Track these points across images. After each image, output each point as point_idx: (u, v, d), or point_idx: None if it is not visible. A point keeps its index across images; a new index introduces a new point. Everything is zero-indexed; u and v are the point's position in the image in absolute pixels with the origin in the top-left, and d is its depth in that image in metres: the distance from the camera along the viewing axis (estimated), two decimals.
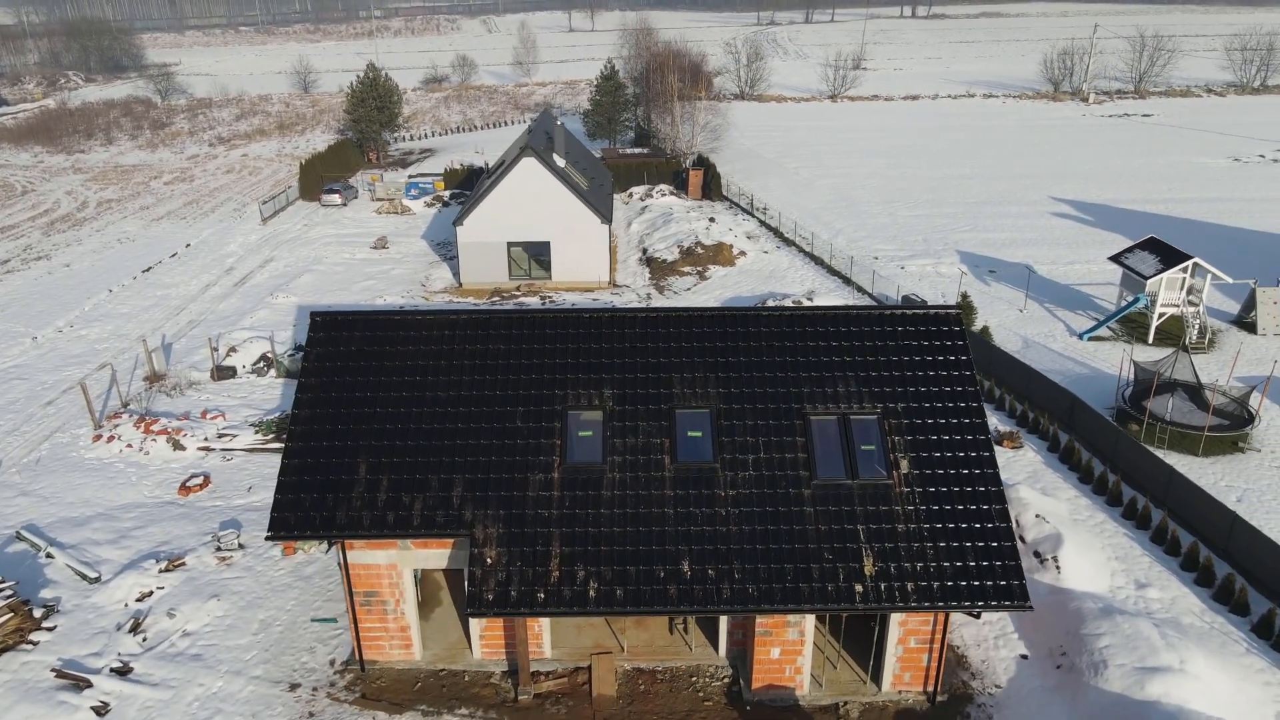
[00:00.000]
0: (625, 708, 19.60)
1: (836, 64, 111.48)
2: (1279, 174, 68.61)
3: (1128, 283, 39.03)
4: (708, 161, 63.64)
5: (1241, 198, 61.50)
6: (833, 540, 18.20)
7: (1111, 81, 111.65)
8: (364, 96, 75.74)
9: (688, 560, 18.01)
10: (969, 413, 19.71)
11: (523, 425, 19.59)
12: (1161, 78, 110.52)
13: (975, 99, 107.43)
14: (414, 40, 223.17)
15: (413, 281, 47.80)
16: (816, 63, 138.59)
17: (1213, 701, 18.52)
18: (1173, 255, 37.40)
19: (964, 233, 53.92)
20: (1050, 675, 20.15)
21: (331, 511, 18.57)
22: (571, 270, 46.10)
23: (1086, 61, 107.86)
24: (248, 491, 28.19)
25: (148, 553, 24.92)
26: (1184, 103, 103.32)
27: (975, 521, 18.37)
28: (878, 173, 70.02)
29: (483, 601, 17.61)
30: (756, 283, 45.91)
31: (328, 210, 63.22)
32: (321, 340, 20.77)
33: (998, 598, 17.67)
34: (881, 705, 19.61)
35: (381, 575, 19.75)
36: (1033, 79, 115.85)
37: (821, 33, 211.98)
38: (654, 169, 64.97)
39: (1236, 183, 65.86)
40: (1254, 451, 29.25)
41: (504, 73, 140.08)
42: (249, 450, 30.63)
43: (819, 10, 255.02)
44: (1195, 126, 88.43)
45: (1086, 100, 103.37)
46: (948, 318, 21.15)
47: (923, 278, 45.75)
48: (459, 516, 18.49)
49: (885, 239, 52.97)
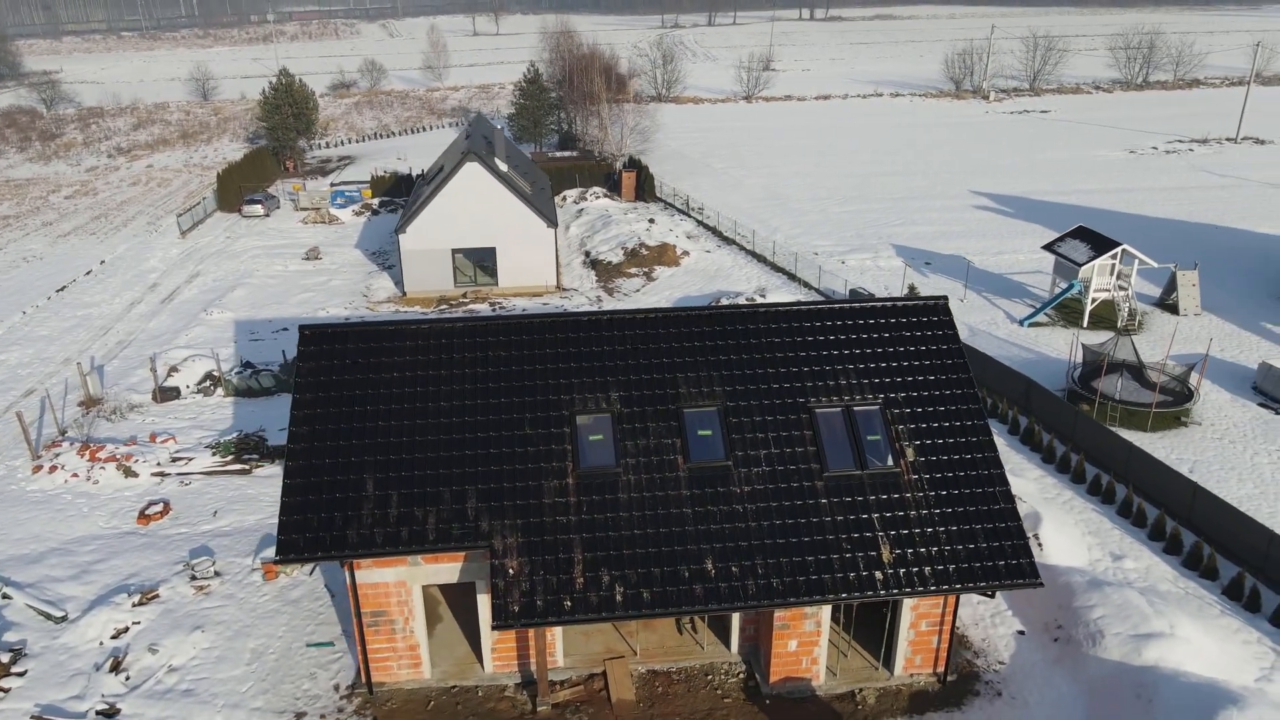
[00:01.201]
0: (646, 711, 19.51)
1: (749, 66, 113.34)
2: (1172, 165, 72.95)
3: (1061, 270, 40.88)
4: (640, 163, 63.85)
5: (1142, 187, 65.15)
6: (849, 530, 18.51)
7: (1009, 80, 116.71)
8: (279, 103, 73.24)
9: (710, 558, 18.05)
10: (966, 399, 20.33)
11: (532, 432, 19.30)
12: (1054, 76, 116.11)
13: (883, 98, 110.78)
14: (312, 45, 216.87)
15: (353, 292, 46.48)
16: (727, 64, 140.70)
17: (1203, 663, 19.57)
18: (1102, 243, 39.36)
19: (895, 227, 55.55)
20: (1049, 649, 20.94)
21: (342, 530, 17.92)
22: (518, 275, 45.60)
23: (985, 61, 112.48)
24: (214, 516, 26.94)
25: (116, 586, 23.54)
26: (1076, 99, 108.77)
27: (982, 504, 18.96)
28: (803, 171, 71.50)
29: (508, 613, 17.27)
30: (703, 282, 46.30)
31: (250, 221, 60.90)
32: (313, 354, 20.02)
33: (1010, 576, 18.27)
34: (895, 689, 20.05)
35: (390, 594, 19.16)
36: (935, 78, 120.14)
37: (725, 35, 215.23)
38: (585, 171, 64.82)
39: (1135, 173, 69.71)
40: (1195, 425, 31.03)
41: (413, 77, 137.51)
42: (208, 473, 29.27)
43: (720, 13, 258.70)
44: (1089, 121, 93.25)
45: (988, 98, 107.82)
46: (937, 307, 21.76)
47: (864, 271, 46.94)
48: (476, 528, 18.09)
49: (821, 235, 54.12)
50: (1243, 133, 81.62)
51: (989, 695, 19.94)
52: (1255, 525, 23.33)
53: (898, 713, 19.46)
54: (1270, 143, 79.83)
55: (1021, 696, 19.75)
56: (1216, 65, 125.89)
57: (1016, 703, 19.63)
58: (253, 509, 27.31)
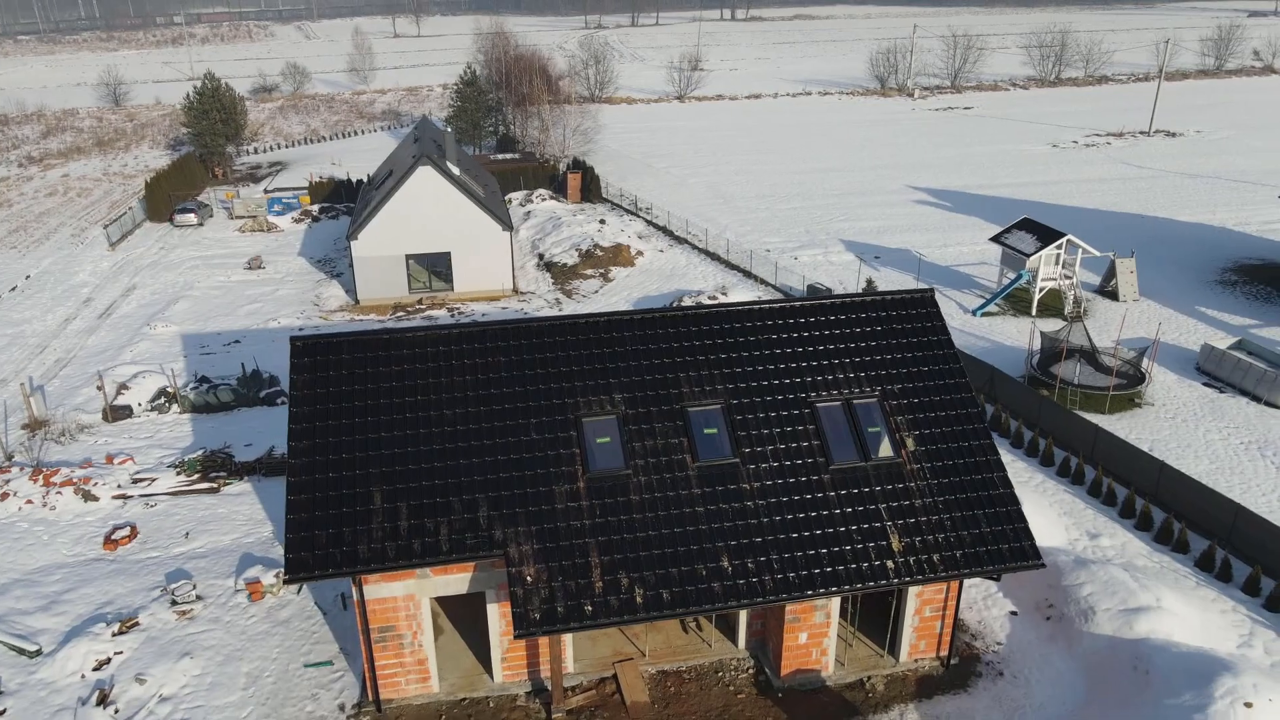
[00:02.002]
0: (661, 711, 19.50)
1: (679, 66, 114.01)
2: (1093, 157, 75.96)
3: (1008, 261, 42.23)
4: (585, 164, 63.66)
5: (1068, 180, 67.68)
6: (858, 521, 18.82)
7: (931, 78, 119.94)
8: (206, 108, 70.76)
9: (726, 555, 18.14)
10: (958, 388, 20.87)
11: (539, 437, 19.09)
12: (973, 74, 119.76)
13: (812, 96, 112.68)
14: (226, 48, 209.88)
15: (303, 302, 45.23)
16: (655, 65, 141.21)
17: (1189, 633, 20.48)
18: (1048, 233, 40.80)
19: (840, 222, 56.58)
20: (1042, 627, 21.63)
21: (352, 545, 17.45)
22: (475, 280, 45.02)
23: (909, 60, 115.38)
24: (185, 538, 25.91)
25: (91, 616, 22.47)
26: (995, 96, 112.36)
27: (982, 490, 19.48)
28: (744, 169, 72.25)
29: (529, 621, 17.05)
30: (660, 281, 46.44)
31: (184, 231, 58.70)
32: (306, 366, 19.44)
33: (1013, 559, 18.82)
34: (902, 675, 20.46)
35: (399, 608, 18.73)
36: (860, 77, 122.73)
37: (650, 35, 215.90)
38: (529, 173, 64.32)
39: (1060, 166, 72.38)
40: (1149, 406, 32.42)
41: (338, 80, 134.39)
42: (174, 494, 28.14)
43: (643, 14, 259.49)
44: (1011, 117, 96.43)
45: (912, 96, 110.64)
46: (924, 299, 22.27)
47: (817, 267, 47.70)
48: (489, 537, 17.81)
49: (769, 232, 54.80)
50: (1155, 126, 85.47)
51: (991, 676, 20.50)
52: (1221, 499, 24.51)
53: (907, 698, 19.86)
54: (1180, 135, 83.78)
55: (1022, 675, 20.36)
56: (1123, 63, 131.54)
57: (1018, 681, 20.23)
58: (226, 528, 26.38)
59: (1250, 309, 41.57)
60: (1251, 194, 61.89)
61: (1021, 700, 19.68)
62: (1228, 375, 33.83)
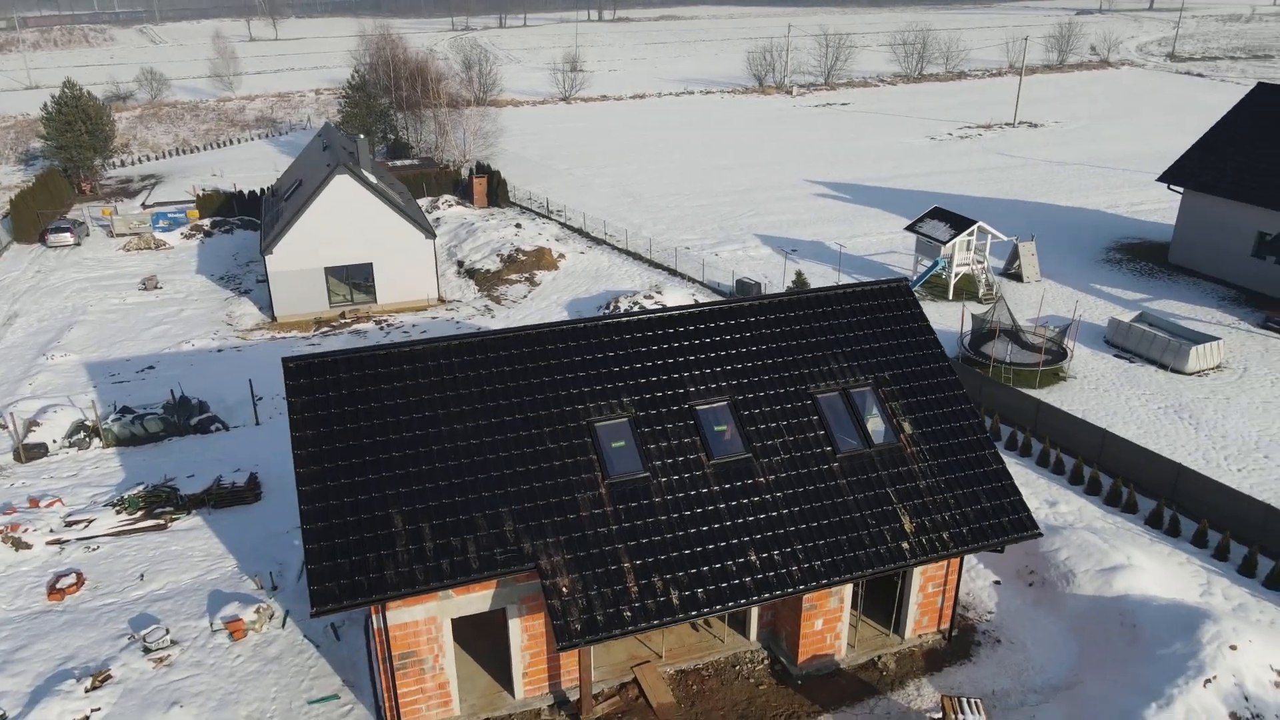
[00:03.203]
0: (688, 710, 19.55)
1: (562, 67, 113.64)
2: (968, 148, 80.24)
3: (923, 248, 44.20)
4: (489, 168, 62.68)
5: (951, 170, 71.27)
6: (870, 505, 19.41)
7: (805, 76, 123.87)
8: (70, 119, 65.75)
9: (753, 550, 18.37)
10: (942, 371, 21.77)
11: (554, 445, 18.80)
12: (845, 71, 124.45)
13: (695, 96, 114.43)
14: (63, 54, 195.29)
15: (214, 322, 42.76)
16: (531, 67, 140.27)
17: (1160, 587, 22.06)
18: (959, 221, 42.93)
19: (750, 218, 57.82)
20: (1027, 593, 22.84)
21: (378, 571, 16.73)
22: (398, 291, 43.68)
23: (785, 58, 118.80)
24: (141, 580, 24.14)
25: (54, 673, 20.67)
26: (866, 92, 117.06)
27: (977, 467, 20.42)
28: (645, 169, 72.74)
29: (571, 632, 16.79)
30: (588, 283, 46.29)
31: (60, 252, 54.38)
32: (304, 388, 18.48)
33: (1014, 530, 19.83)
34: (909, 652, 21.20)
35: (420, 632, 18.09)
36: (739, 75, 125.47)
37: (520, 37, 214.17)
38: (432, 179, 62.81)
39: (941, 158, 76.16)
40: (1073, 379, 34.65)
41: (199, 87, 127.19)
42: (116, 534, 26.15)
43: (510, 15, 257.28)
44: (886, 112, 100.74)
45: (791, 93, 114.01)
46: (900, 289, 23.13)
47: (740, 262, 48.58)
48: (519, 551, 17.43)
49: (684, 230, 55.44)
50: (1019, 118, 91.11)
51: (989, 644, 21.51)
52: (1163, 460, 26.50)
53: (919, 673, 20.61)
54: (1041, 125, 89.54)
55: (1019, 640, 21.46)
56: (978, 59, 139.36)
57: (1016, 646, 21.30)
58: (184, 566, 24.72)
59: (1138, 284, 44.95)
60: (1115, 178, 66.86)
61: (1023, 663, 20.74)
62: (1134, 346, 36.52)
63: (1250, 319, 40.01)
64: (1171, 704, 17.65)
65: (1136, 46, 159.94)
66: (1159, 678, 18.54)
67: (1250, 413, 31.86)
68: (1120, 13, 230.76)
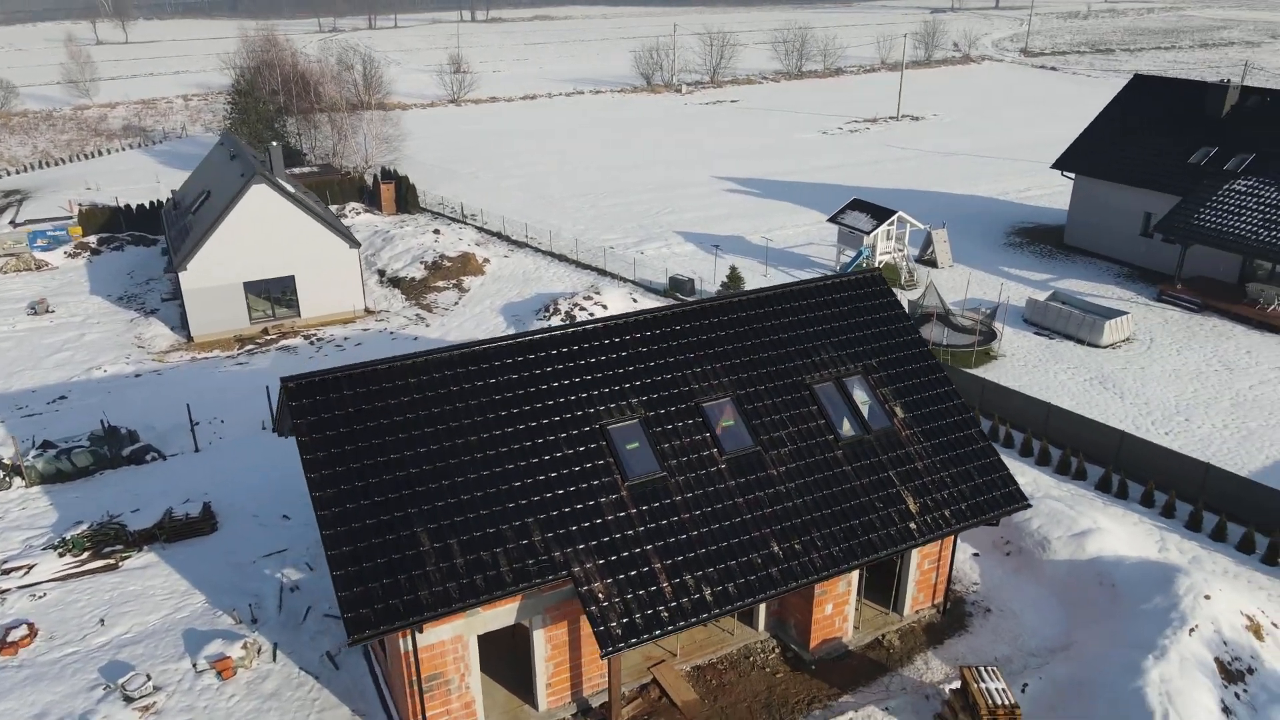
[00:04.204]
0: (712, 705, 19.67)
1: (448, 68, 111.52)
2: (860, 141, 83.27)
3: (846, 239, 45.66)
4: (397, 174, 60.95)
5: (848, 163, 73.78)
6: (876, 489, 20.00)
7: (692, 74, 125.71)
8: None
9: (774, 540, 18.66)
10: (923, 356, 22.64)
11: (570, 451, 18.57)
12: (729, 69, 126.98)
13: (586, 95, 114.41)
14: None
15: (122, 345, 40.01)
16: (411, 69, 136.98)
17: (1125, 547, 23.56)
18: (880, 212, 44.58)
19: (667, 215, 58.33)
20: (1006, 563, 24.01)
21: (412, 592, 16.14)
22: (323, 303, 42.00)
23: (673, 57, 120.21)
24: (102, 625, 22.45)
25: None
26: (751, 89, 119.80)
27: (967, 445, 21.34)
28: (551, 170, 72.27)
29: (614, 637, 16.64)
30: (519, 286, 45.71)
31: None
32: (307, 409, 17.61)
33: (1006, 503, 20.83)
34: (909, 628, 21.97)
35: (446, 652, 17.54)
36: (626, 75, 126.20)
37: (392, 38, 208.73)
38: (335, 186, 60.59)
39: (836, 151, 78.76)
40: (1003, 358, 36.55)
41: (49, 95, 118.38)
42: (63, 579, 24.20)
43: (381, 16, 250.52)
44: (774, 108, 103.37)
45: (680, 91, 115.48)
46: (875, 279, 23.88)
47: (667, 259, 48.93)
48: (551, 560, 17.15)
49: (603, 229, 55.43)
50: (901, 111, 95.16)
51: (980, 614, 22.51)
52: (1106, 429, 28.32)
53: (922, 647, 21.39)
54: (922, 118, 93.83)
55: (1008, 609, 22.54)
56: (853, 56, 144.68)
57: (1006, 614, 22.37)
58: (148, 607, 23.12)
59: (1041, 265, 47.77)
60: (999, 167, 70.78)
61: (1016, 629, 21.81)
62: (1052, 323, 38.83)
63: (1146, 294, 43.16)
64: (1166, 654, 18.93)
65: (992, 42, 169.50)
66: (1148, 631, 19.84)
67: (1164, 380, 34.40)
68: (970, 11, 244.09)
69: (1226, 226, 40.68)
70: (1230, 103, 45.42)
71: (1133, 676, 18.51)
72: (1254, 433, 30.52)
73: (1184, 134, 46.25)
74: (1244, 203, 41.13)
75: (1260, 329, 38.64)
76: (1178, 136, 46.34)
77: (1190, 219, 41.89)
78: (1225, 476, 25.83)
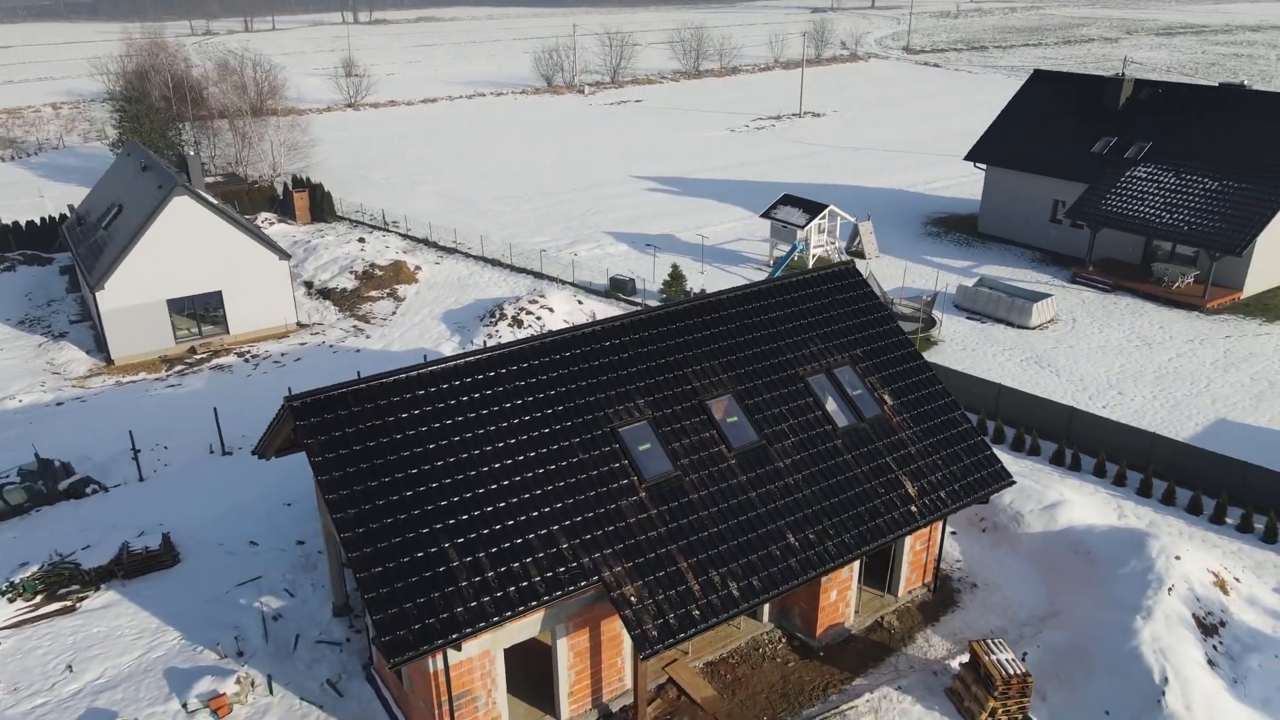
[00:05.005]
0: (730, 699, 19.82)
1: (340, 71, 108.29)
2: (767, 138, 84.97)
3: (779, 234, 46.59)
4: (309, 181, 58.82)
5: (760, 159, 75.15)
6: (876, 475, 20.55)
7: (593, 74, 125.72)
8: None
9: (790, 532, 18.94)
10: (902, 344, 23.36)
11: (585, 455, 18.39)
12: (629, 69, 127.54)
13: (487, 98, 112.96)
14: None
15: (35, 372, 37.31)
16: (298, 73, 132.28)
17: (1091, 516, 24.88)
18: (811, 206, 45.66)
19: (593, 216, 58.22)
20: (983, 539, 25.00)
21: (447, 609, 15.69)
22: (253, 318, 40.19)
23: (574, 58, 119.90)
24: (70, 672, 20.96)
25: None
26: (653, 89, 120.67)
27: (952, 428, 22.14)
28: (465, 173, 71.08)
29: (650, 639, 16.58)
30: (457, 294, 44.84)
31: None
32: (317, 428, 16.88)
33: (994, 481, 21.72)
34: (904, 608, 22.64)
35: (474, 668, 17.13)
36: (525, 76, 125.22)
37: (274, 41, 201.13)
38: (244, 196, 58.03)
39: (745, 148, 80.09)
40: (942, 343, 38.00)
41: None
42: (16, 625, 22.47)
43: (258, 18, 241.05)
44: (678, 107, 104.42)
45: (583, 92, 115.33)
46: (849, 271, 24.50)
47: (602, 259, 48.83)
48: (581, 567, 16.95)
49: (531, 232, 54.91)
50: (804, 108, 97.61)
51: (968, 589, 23.40)
52: (1055, 406, 29.82)
53: (920, 625, 22.08)
54: (824, 115, 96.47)
55: (992, 582, 23.49)
56: (747, 55, 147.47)
57: (992, 588, 23.31)
58: (119, 648, 21.71)
59: (960, 253, 49.84)
60: (905, 160, 73.47)
61: (1004, 602, 22.76)
62: (982, 308, 40.61)
63: (1061, 276, 45.61)
64: (1152, 615, 20.10)
65: (876, 40, 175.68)
66: (1130, 593, 21.03)
67: (1093, 356, 36.46)
68: (849, 10, 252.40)
69: (1132, 210, 43.40)
70: (1126, 95, 48.43)
71: (1127, 638, 19.60)
72: (1181, 402, 32.68)
73: (1085, 125, 49.06)
74: (1146, 188, 43.96)
75: (1168, 305, 41.38)
76: (1080, 128, 49.12)
77: (1099, 204, 44.49)
78: (1169, 444, 27.58)
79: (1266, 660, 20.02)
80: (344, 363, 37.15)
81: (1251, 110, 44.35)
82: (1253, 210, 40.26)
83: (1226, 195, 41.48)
